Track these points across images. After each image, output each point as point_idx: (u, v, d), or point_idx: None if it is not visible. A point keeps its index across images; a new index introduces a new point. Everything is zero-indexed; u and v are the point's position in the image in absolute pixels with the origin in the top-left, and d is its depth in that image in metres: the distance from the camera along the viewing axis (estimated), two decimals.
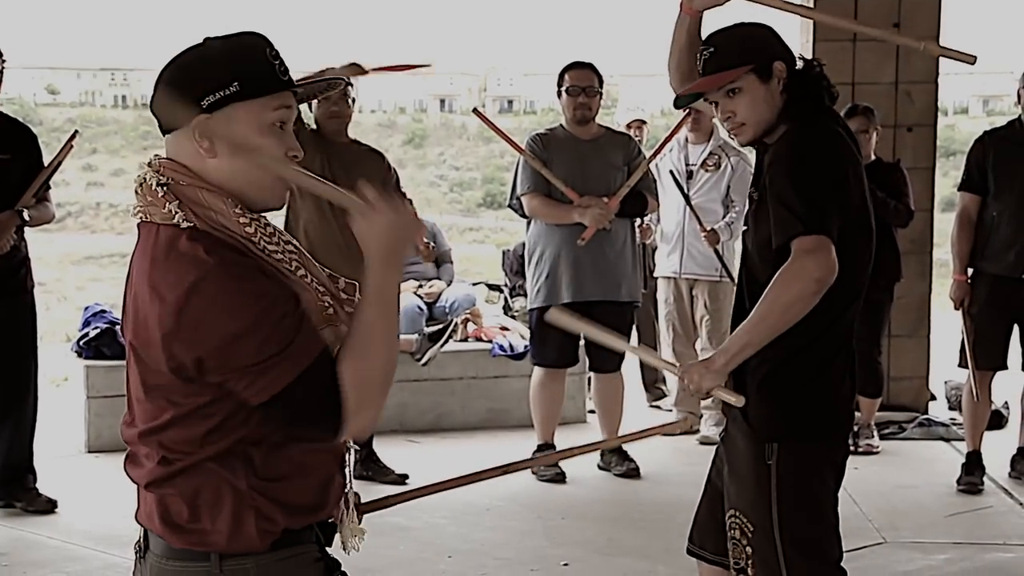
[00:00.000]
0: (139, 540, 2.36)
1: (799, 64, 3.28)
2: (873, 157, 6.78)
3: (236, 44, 2.23)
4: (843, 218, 3.11)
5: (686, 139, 7.28)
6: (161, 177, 2.20)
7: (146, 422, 2.27)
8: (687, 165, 7.33)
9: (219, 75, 2.18)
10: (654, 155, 6.76)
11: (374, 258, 2.13)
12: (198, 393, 2.16)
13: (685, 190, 7.14)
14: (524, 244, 6.86)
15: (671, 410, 7.81)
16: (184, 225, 2.16)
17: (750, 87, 3.20)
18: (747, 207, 3.34)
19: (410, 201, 6.52)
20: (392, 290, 2.16)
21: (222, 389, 2.14)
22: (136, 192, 2.24)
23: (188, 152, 2.20)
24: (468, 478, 2.71)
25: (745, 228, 3.34)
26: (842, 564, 3.32)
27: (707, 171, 7.27)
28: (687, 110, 7.13)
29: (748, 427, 3.23)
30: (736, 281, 3.43)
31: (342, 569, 2.35)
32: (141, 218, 2.22)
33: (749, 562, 3.22)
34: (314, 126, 6.18)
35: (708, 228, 6.97)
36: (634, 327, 7.05)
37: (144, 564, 2.32)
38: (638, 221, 6.94)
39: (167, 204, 2.18)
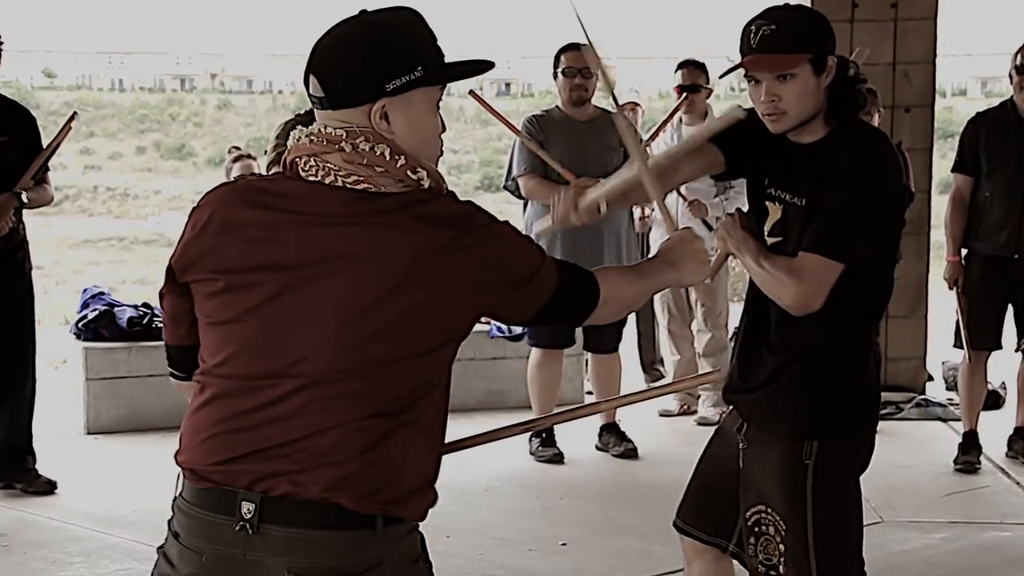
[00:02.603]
0: (243, 513, 2.16)
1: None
2: None
3: (410, 24, 2.25)
4: (879, 246, 3.12)
5: (679, 120, 7.27)
6: (389, 148, 2.20)
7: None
8: None
9: (405, 60, 2.21)
10: (652, 137, 6.76)
11: (686, 271, 2.61)
12: (445, 342, 2.24)
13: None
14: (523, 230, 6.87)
15: None
16: (427, 185, 2.22)
17: (804, 77, 3.05)
18: (780, 212, 3.17)
19: None
20: (665, 285, 2.67)
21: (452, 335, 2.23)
22: (338, 160, 2.20)
23: (366, 128, 2.21)
24: (501, 432, 2.73)
25: (779, 238, 3.16)
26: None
27: None
28: (684, 94, 7.15)
29: (787, 424, 3.17)
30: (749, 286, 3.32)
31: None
32: (366, 188, 2.19)
33: (782, 559, 3.17)
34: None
35: (691, 199, 6.94)
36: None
37: (254, 540, 2.16)
38: (638, 212, 6.93)
39: (408, 171, 2.21)
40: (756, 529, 3.21)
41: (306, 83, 2.27)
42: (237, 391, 2.21)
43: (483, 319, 2.39)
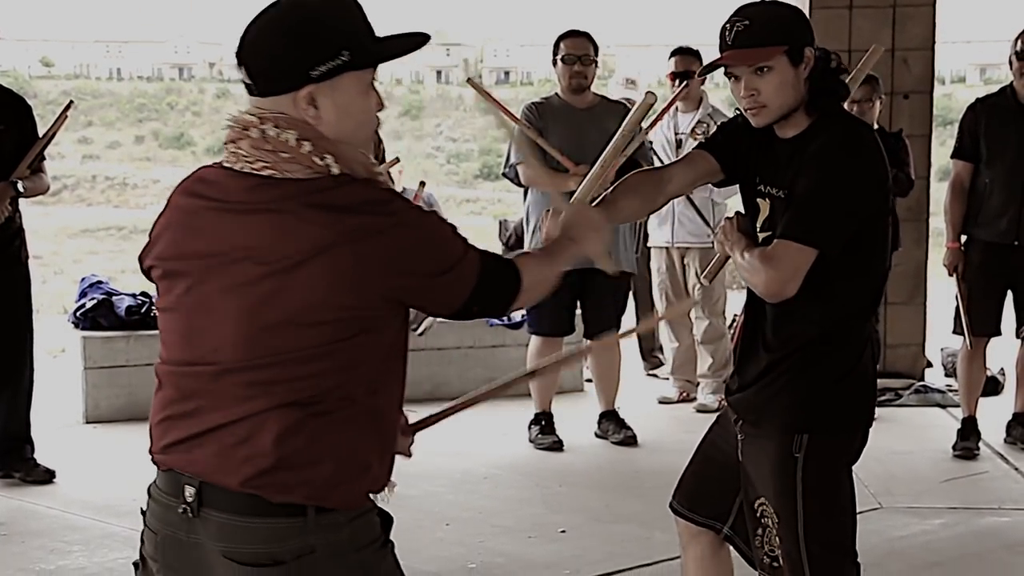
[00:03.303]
0: (186, 497, 2.21)
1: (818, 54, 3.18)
2: (876, 127, 6.77)
3: (336, 7, 2.22)
4: (864, 237, 3.09)
5: (675, 107, 7.27)
6: (296, 133, 2.19)
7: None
8: (676, 133, 7.32)
9: (329, 45, 2.19)
10: (652, 125, 6.75)
11: (586, 243, 2.61)
12: (361, 330, 2.19)
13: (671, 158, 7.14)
14: (523, 220, 6.86)
15: (668, 378, 7.84)
16: (336, 172, 2.19)
17: (781, 69, 3.08)
18: (768, 207, 3.17)
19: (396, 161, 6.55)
20: (573, 261, 2.62)
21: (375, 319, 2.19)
22: (247, 147, 2.21)
23: (294, 113, 2.20)
24: (494, 391, 2.71)
25: (769, 233, 3.16)
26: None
27: (695, 139, 7.25)
28: (682, 81, 7.15)
29: (778, 417, 3.16)
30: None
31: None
32: (271, 175, 2.19)
33: (779, 552, 3.16)
34: None
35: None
36: (631, 296, 7.05)
37: (195, 523, 2.21)
38: None
39: (316, 157, 2.18)
40: (761, 520, 3.20)
41: (239, 70, 2.26)
42: (172, 378, 2.27)
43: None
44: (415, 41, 2.28)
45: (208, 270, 2.20)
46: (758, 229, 3.20)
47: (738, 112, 3.30)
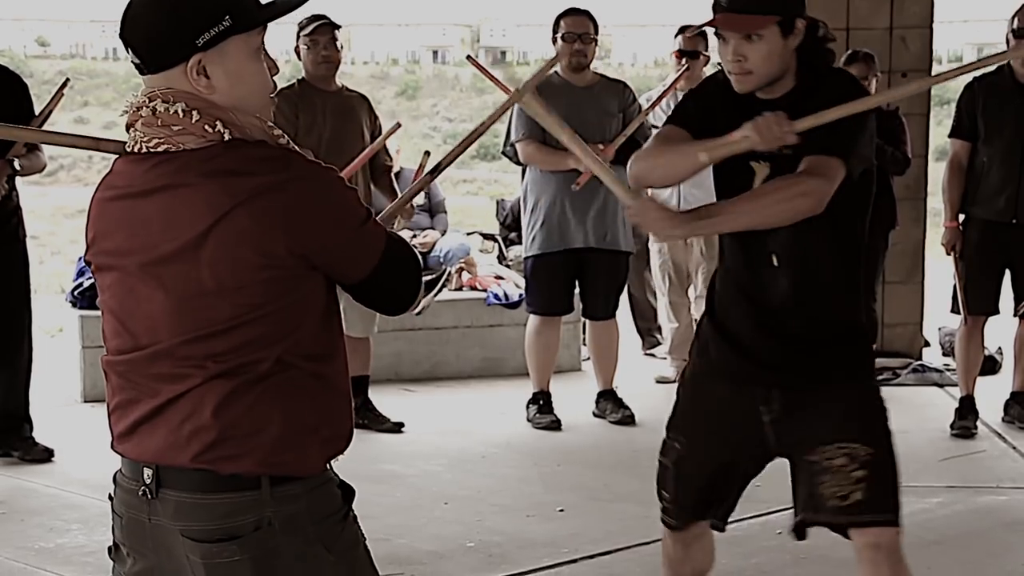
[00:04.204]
0: (144, 479, 2.23)
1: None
2: None
3: None
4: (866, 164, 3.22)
5: (676, 86, 7.23)
6: (183, 104, 2.18)
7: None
8: None
9: (210, 12, 2.17)
10: (652, 106, 6.74)
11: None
12: (281, 293, 2.18)
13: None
14: (520, 198, 6.85)
15: (665, 358, 7.85)
16: (228, 137, 2.18)
17: (770, 38, 3.12)
18: (768, 168, 3.20)
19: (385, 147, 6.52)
20: None
21: (298, 284, 2.19)
22: (140, 127, 2.21)
23: (186, 87, 2.19)
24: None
25: None
26: None
27: None
28: (686, 63, 7.12)
29: (845, 367, 3.33)
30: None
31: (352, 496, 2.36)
32: (167, 149, 2.18)
33: (860, 486, 3.23)
34: (300, 74, 6.19)
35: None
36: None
37: (155, 504, 2.23)
38: None
39: (206, 126, 2.17)
40: (828, 465, 3.24)
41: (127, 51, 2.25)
42: (115, 368, 2.29)
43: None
44: (293, 1, 2.28)
45: (129, 259, 2.22)
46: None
47: (711, 77, 3.38)
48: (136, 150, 2.22)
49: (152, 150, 2.20)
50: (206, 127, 2.18)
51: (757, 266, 3.27)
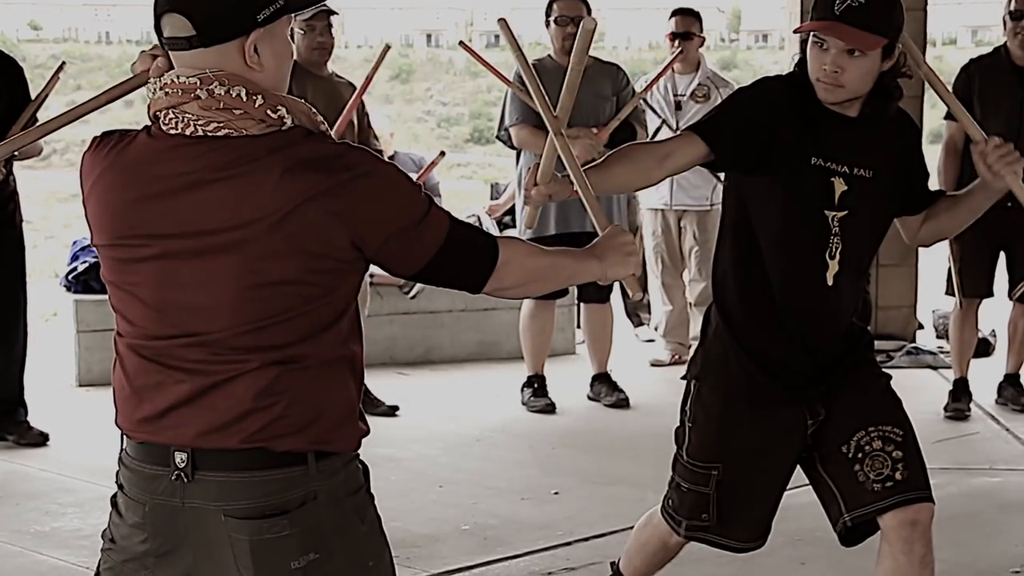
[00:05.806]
0: (177, 463, 2.21)
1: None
2: None
3: None
4: None
5: (672, 69, 7.24)
6: (244, 88, 2.14)
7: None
8: (675, 95, 7.30)
9: None
10: (647, 89, 6.73)
11: (610, 263, 2.46)
12: (335, 285, 2.20)
13: (673, 125, 7.12)
14: (514, 183, 6.85)
15: (652, 340, 7.89)
16: (289, 124, 2.17)
17: (873, 57, 3.09)
18: (846, 185, 3.22)
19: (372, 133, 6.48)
20: (587, 277, 2.52)
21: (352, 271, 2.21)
22: (195, 109, 2.14)
23: (236, 65, 2.16)
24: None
25: (846, 211, 3.24)
26: None
27: (697, 102, 7.24)
28: (679, 46, 7.12)
29: (868, 356, 3.48)
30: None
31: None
32: (227, 134, 2.14)
33: (899, 466, 3.27)
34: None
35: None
36: None
37: (190, 488, 2.20)
38: None
39: (269, 111, 2.15)
40: (866, 449, 3.28)
41: (159, 26, 2.18)
42: (141, 352, 2.27)
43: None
44: None
45: (177, 246, 2.17)
46: (836, 206, 3.23)
47: (773, 81, 3.36)
48: (187, 133, 2.16)
49: (211, 134, 2.15)
50: (268, 112, 2.15)
51: (806, 288, 3.27)
